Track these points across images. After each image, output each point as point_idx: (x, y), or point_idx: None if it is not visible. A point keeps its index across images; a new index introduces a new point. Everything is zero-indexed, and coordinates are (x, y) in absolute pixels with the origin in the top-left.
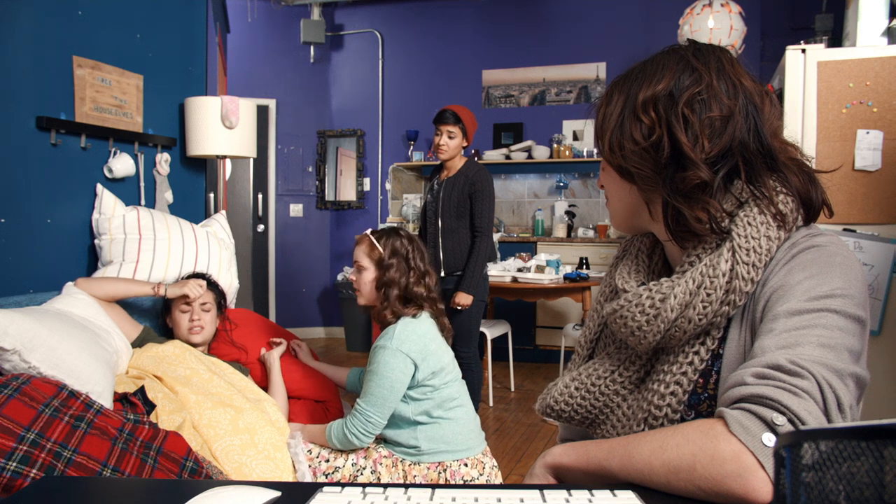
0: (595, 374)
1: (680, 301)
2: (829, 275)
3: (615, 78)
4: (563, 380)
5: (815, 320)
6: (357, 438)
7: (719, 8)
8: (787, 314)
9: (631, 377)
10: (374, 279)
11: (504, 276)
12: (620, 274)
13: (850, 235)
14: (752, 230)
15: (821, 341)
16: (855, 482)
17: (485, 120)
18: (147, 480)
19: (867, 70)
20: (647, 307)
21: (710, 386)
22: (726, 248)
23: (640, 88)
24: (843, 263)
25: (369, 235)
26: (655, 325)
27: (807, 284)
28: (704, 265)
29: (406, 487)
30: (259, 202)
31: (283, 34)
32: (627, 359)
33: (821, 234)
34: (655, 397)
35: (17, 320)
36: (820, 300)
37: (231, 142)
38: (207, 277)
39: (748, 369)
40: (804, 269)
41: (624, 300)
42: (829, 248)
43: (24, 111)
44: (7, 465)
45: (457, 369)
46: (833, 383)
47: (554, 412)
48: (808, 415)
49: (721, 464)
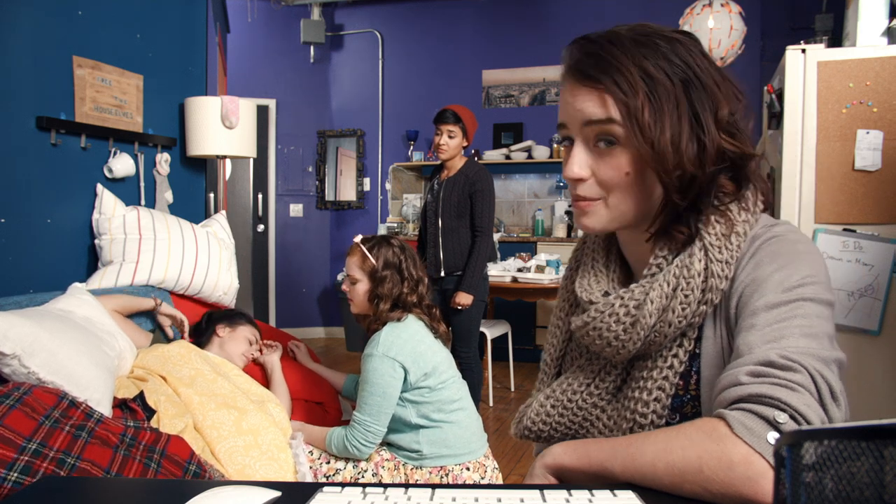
0: (570, 388)
1: (658, 305)
2: (796, 264)
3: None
4: (538, 399)
5: (793, 311)
6: (358, 450)
7: (719, 8)
8: (765, 308)
9: (608, 387)
10: (367, 291)
11: (504, 276)
12: (581, 285)
13: (850, 235)
14: (720, 227)
15: (803, 331)
16: (855, 482)
17: (485, 120)
18: (147, 480)
19: (867, 70)
20: (623, 315)
21: (692, 387)
22: (697, 248)
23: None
24: (805, 251)
25: (360, 246)
26: (634, 333)
27: (777, 276)
28: (677, 266)
29: (406, 487)
30: (259, 202)
31: (283, 34)
32: (602, 369)
33: (777, 224)
34: (639, 405)
35: (18, 324)
36: (794, 290)
37: (231, 142)
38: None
39: (741, 368)
40: (771, 260)
41: (595, 311)
42: (790, 236)
43: (24, 111)
44: (8, 475)
45: (453, 369)
46: (823, 373)
47: (532, 433)
48: (808, 408)
49: (730, 467)
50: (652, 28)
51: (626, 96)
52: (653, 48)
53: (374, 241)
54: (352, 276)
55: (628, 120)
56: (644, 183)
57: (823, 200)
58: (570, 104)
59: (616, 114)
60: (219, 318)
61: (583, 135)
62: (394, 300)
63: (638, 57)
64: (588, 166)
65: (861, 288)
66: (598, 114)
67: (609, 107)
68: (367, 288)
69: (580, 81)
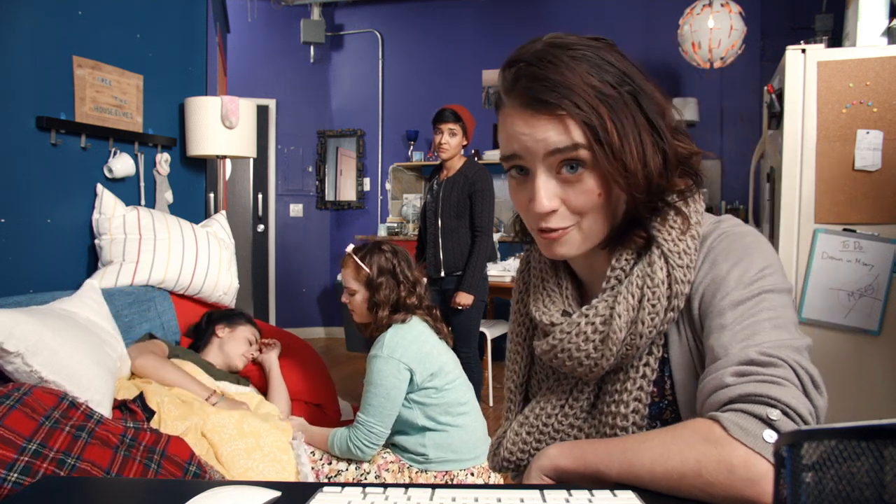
0: (543, 412)
1: (626, 319)
2: (750, 257)
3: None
4: (512, 428)
5: (758, 305)
6: (361, 451)
7: (719, 8)
8: (731, 306)
9: (582, 406)
10: (365, 300)
11: (504, 276)
12: (536, 307)
13: (850, 235)
14: (676, 233)
15: (773, 324)
16: (855, 482)
17: (485, 120)
18: (147, 480)
19: (867, 70)
20: (591, 333)
21: (667, 393)
22: (657, 256)
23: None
24: (754, 242)
25: (353, 256)
26: (606, 349)
27: (736, 272)
28: (638, 277)
29: (406, 487)
30: (259, 202)
31: (283, 34)
32: (573, 388)
33: (721, 220)
34: (618, 419)
35: (23, 322)
36: (754, 284)
37: (231, 142)
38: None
39: (724, 370)
40: (726, 257)
41: (560, 333)
42: (737, 230)
43: (24, 111)
44: (8, 476)
45: (459, 370)
46: (802, 363)
47: (511, 464)
48: (797, 401)
49: (730, 470)
50: (571, 38)
51: (591, 118)
52: (589, 62)
53: (366, 249)
54: (349, 288)
55: (596, 143)
56: (613, 200)
57: (823, 200)
58: (525, 135)
59: (581, 138)
60: (218, 318)
61: (545, 164)
62: (393, 304)
63: (583, 74)
64: (556, 196)
65: (861, 288)
66: (562, 141)
67: (572, 132)
68: (365, 297)
69: (535, 109)
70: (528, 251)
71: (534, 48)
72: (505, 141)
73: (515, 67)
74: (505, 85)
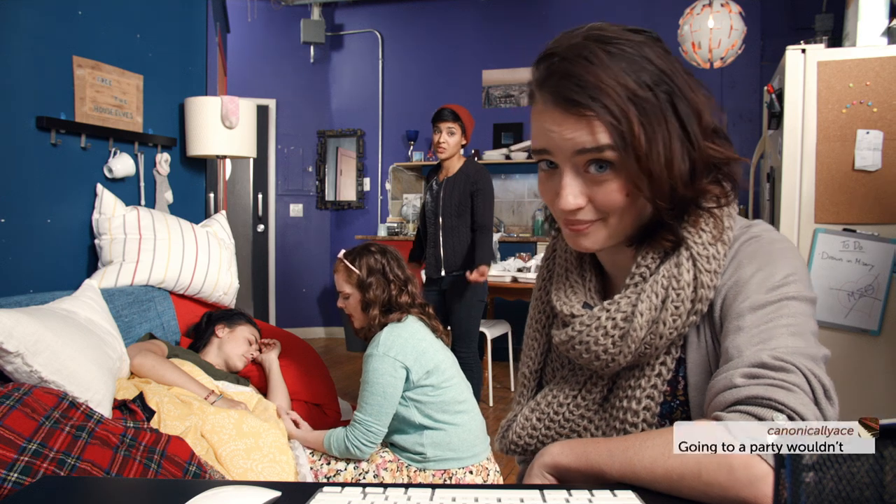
0: (555, 401)
1: (647, 318)
2: (776, 263)
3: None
4: (522, 413)
5: (778, 310)
6: (359, 450)
7: (719, 8)
8: (751, 309)
9: (594, 398)
10: (358, 301)
11: (504, 276)
12: (558, 297)
13: (850, 235)
14: (707, 237)
15: (791, 331)
16: (855, 482)
17: (485, 120)
18: (147, 480)
19: (867, 70)
20: (610, 328)
21: (680, 393)
22: (685, 258)
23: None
24: (783, 249)
25: (343, 260)
26: (625, 346)
27: (759, 277)
28: (664, 277)
29: (406, 487)
30: (259, 202)
31: (283, 34)
32: (588, 380)
33: (753, 224)
34: (629, 414)
35: (23, 322)
36: (777, 290)
37: (231, 142)
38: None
39: (735, 371)
40: (751, 261)
41: (580, 325)
42: (767, 235)
43: (24, 111)
44: (8, 476)
45: (456, 368)
46: (815, 371)
47: (518, 447)
48: (804, 408)
49: (730, 471)
50: (612, 31)
51: (619, 122)
52: (628, 60)
53: (355, 252)
54: (343, 293)
55: (623, 147)
56: (640, 202)
57: (823, 200)
58: (554, 132)
59: (608, 140)
60: (218, 318)
61: (572, 162)
62: (385, 303)
63: (618, 73)
64: (583, 194)
65: (861, 288)
66: (589, 142)
67: (599, 134)
68: (358, 299)
69: (564, 108)
70: (555, 239)
71: (570, 41)
72: (536, 135)
73: (549, 62)
74: (537, 79)
